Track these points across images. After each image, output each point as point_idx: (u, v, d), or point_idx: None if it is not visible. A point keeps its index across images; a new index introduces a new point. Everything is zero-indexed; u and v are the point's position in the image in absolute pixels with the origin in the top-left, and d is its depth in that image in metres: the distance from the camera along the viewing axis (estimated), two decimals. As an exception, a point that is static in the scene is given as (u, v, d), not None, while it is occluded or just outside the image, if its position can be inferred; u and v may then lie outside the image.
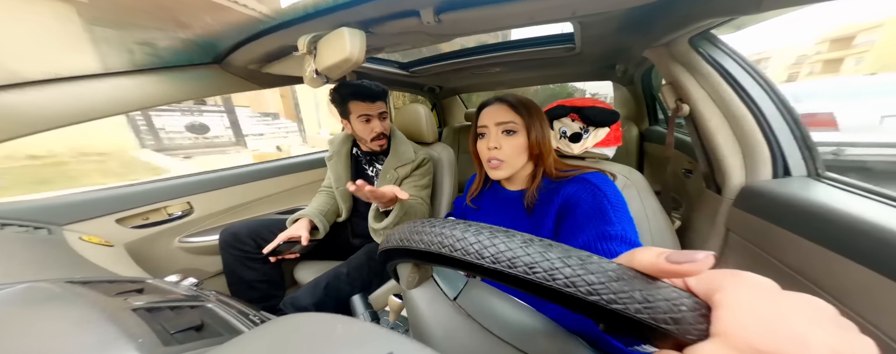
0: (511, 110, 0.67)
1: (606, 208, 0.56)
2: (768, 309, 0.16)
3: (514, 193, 0.74)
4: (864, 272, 0.47)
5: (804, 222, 0.58)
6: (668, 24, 0.75)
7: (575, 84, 3.18)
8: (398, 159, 1.14)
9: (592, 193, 0.59)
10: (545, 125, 0.69)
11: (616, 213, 0.55)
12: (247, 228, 1.09)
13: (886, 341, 0.45)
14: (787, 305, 0.16)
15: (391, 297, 0.55)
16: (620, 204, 0.58)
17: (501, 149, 0.67)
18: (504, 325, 0.34)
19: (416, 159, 1.14)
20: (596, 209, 0.57)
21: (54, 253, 0.73)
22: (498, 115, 0.68)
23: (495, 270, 0.23)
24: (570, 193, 0.62)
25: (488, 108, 0.70)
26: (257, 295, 1.07)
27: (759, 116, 0.74)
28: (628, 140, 1.79)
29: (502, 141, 0.67)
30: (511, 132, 0.67)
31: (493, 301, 0.37)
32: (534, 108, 0.69)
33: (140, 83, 0.86)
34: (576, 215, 0.59)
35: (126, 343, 0.30)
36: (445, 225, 0.26)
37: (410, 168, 1.13)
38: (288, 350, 0.26)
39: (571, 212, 0.60)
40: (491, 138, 0.68)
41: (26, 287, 0.37)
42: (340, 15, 0.64)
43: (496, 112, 0.68)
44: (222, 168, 1.34)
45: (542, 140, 0.68)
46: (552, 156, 0.70)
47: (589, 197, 0.59)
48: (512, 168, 0.69)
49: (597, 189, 0.60)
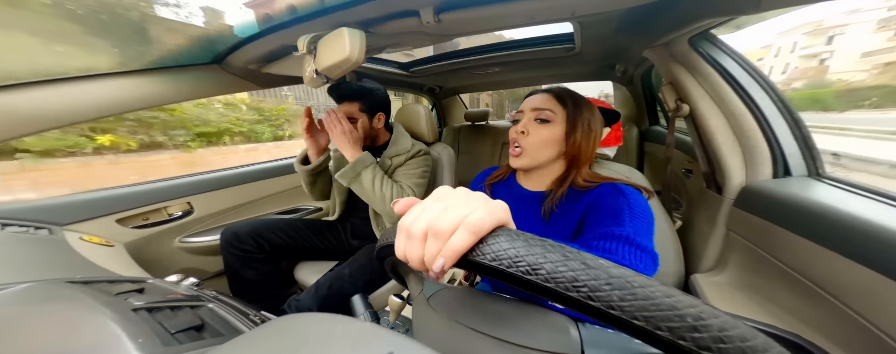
0: (553, 99, 0.63)
1: (622, 210, 0.53)
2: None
3: (532, 193, 0.68)
4: (865, 272, 0.47)
5: (804, 222, 0.58)
6: (667, 24, 0.75)
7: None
8: (394, 150, 1.14)
9: (614, 197, 0.56)
10: (594, 127, 0.63)
11: (632, 219, 0.51)
12: (248, 228, 1.09)
13: (887, 341, 0.44)
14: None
15: (391, 297, 0.55)
16: (642, 214, 0.53)
17: (528, 135, 0.63)
18: (480, 317, 0.34)
19: (411, 150, 1.14)
20: (610, 210, 0.54)
21: (55, 254, 0.73)
22: (537, 102, 0.64)
23: (492, 267, 0.23)
24: (593, 199, 0.59)
25: (532, 96, 0.66)
26: (258, 295, 1.08)
27: (759, 116, 0.74)
28: (628, 140, 1.79)
29: (532, 127, 0.63)
30: (545, 121, 0.62)
31: (467, 297, 0.37)
32: (586, 107, 0.63)
33: (140, 83, 0.86)
34: (591, 219, 0.56)
35: (126, 343, 0.30)
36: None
37: (405, 157, 1.13)
38: (288, 350, 0.26)
39: (589, 217, 0.57)
40: (522, 122, 0.64)
41: (27, 287, 0.37)
42: (340, 15, 0.63)
43: (537, 99, 0.64)
44: (222, 168, 1.35)
45: (583, 142, 0.61)
46: (588, 165, 0.64)
47: (610, 200, 0.56)
48: (532, 159, 0.64)
49: (620, 194, 0.56)
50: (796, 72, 42.11)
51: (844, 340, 0.51)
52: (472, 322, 0.33)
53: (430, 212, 0.26)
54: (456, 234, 0.24)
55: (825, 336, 0.54)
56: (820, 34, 36.67)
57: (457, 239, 0.24)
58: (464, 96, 2.63)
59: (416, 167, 1.13)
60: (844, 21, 35.14)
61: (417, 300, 0.41)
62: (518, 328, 0.32)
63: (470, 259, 0.23)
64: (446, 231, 0.24)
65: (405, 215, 0.28)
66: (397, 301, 0.54)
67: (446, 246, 0.24)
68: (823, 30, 36.34)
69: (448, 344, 0.33)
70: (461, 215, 0.25)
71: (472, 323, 0.33)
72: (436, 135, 1.36)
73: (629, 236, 0.47)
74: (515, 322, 0.33)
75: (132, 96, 0.86)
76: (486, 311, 0.34)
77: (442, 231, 0.24)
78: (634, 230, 0.49)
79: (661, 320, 0.17)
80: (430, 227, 0.25)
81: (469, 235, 0.24)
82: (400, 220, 0.28)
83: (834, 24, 35.89)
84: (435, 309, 0.36)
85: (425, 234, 0.25)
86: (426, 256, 0.25)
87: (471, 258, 0.23)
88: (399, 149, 1.14)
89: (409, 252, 0.26)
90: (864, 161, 5.17)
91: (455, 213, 0.25)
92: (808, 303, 0.57)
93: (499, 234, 0.23)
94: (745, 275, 0.73)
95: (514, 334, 0.32)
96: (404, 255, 0.27)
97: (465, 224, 0.24)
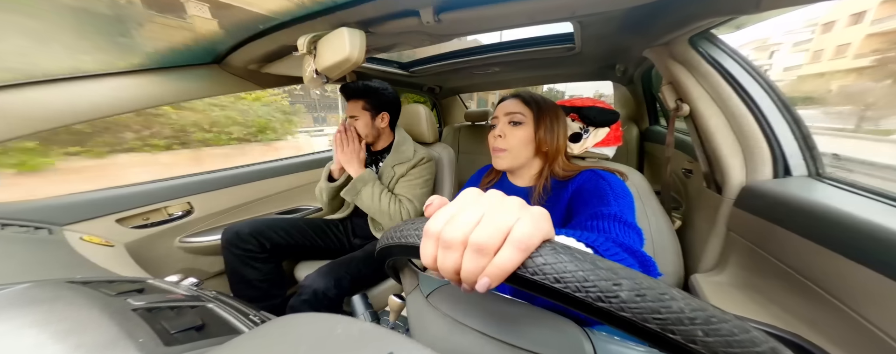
0: (521, 103, 0.70)
1: (606, 192, 0.58)
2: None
3: (520, 189, 0.76)
4: (865, 272, 0.47)
5: (805, 222, 0.58)
6: (668, 23, 0.75)
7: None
8: (397, 157, 1.15)
9: (595, 181, 0.62)
10: (558, 125, 0.71)
11: (616, 198, 0.56)
12: (249, 227, 1.09)
13: (887, 341, 0.44)
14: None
15: (391, 297, 0.55)
16: (623, 193, 0.58)
17: (505, 138, 0.70)
18: (483, 319, 0.33)
19: (413, 158, 1.14)
20: (595, 192, 0.59)
21: (55, 254, 0.73)
22: (508, 107, 0.71)
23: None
24: (577, 186, 0.64)
25: (503, 102, 0.73)
26: (258, 295, 1.08)
27: (759, 116, 0.74)
28: (628, 140, 1.79)
29: (508, 130, 0.70)
30: (517, 123, 0.69)
31: (468, 296, 0.37)
32: (548, 107, 0.71)
33: (140, 83, 0.86)
34: (578, 203, 0.61)
35: (126, 343, 0.30)
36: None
37: (407, 167, 1.13)
38: (288, 350, 0.26)
39: (576, 203, 0.62)
40: (498, 127, 0.72)
41: (27, 287, 0.37)
42: (340, 15, 0.63)
43: (508, 104, 0.72)
44: (222, 168, 1.34)
45: (550, 138, 0.69)
46: (561, 157, 0.71)
47: (592, 184, 0.62)
48: (514, 158, 0.71)
49: (601, 177, 0.62)
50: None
51: (844, 340, 0.51)
52: (475, 322, 0.33)
53: (467, 220, 0.24)
54: (503, 251, 0.22)
55: (825, 337, 0.54)
56: (765, 50, 42.78)
57: (504, 257, 0.22)
58: (470, 95, 2.63)
59: (418, 177, 1.14)
60: (781, 40, 42.62)
61: (414, 297, 0.40)
62: (523, 331, 0.32)
63: (516, 274, 0.22)
64: (491, 246, 0.22)
65: (433, 218, 0.25)
66: (397, 301, 0.54)
67: (492, 264, 0.22)
68: (767, 46, 42.93)
69: (449, 345, 0.33)
70: (505, 227, 0.22)
71: (474, 324, 0.33)
72: (436, 135, 1.36)
73: (617, 214, 0.51)
74: (521, 326, 0.32)
75: (132, 96, 0.86)
76: (488, 312, 0.34)
77: (486, 246, 0.22)
78: (620, 209, 0.53)
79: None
80: (470, 239, 0.23)
81: (518, 253, 0.21)
82: (427, 223, 0.25)
83: (774, 41, 43.22)
84: (435, 308, 0.36)
85: (463, 245, 0.23)
86: (465, 272, 0.23)
87: (517, 273, 0.22)
88: (400, 157, 1.15)
89: (444, 263, 0.24)
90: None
91: (498, 225, 0.23)
92: (808, 303, 0.57)
93: (541, 248, 0.22)
94: (745, 275, 0.73)
95: (520, 338, 0.31)
96: (435, 265, 0.25)
97: (513, 240, 0.22)
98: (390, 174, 1.13)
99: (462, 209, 0.25)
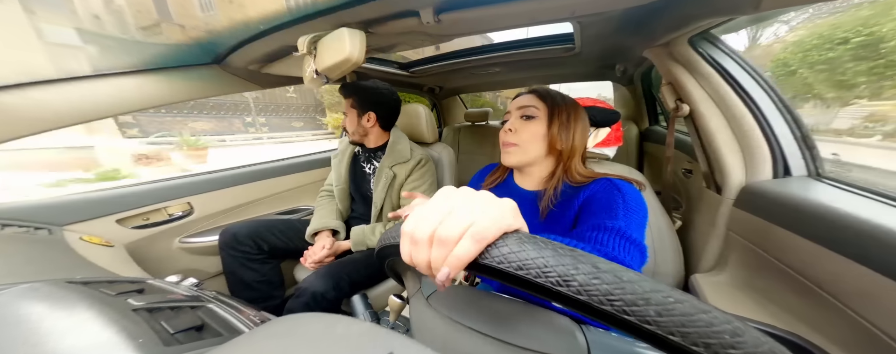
0: (535, 97, 0.66)
1: (617, 204, 0.54)
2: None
3: (528, 192, 0.70)
4: (865, 272, 0.47)
5: (804, 222, 0.58)
6: (667, 24, 0.75)
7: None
8: (393, 158, 1.14)
9: (609, 191, 0.57)
10: (576, 122, 0.66)
11: (626, 212, 0.53)
12: (246, 229, 1.09)
13: (886, 341, 0.44)
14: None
15: (391, 297, 0.55)
16: (636, 207, 0.54)
17: (516, 132, 0.66)
18: (481, 319, 0.34)
19: (411, 159, 1.14)
20: (606, 204, 0.55)
21: (54, 254, 0.73)
22: (522, 101, 0.67)
23: (491, 267, 0.23)
24: (589, 194, 0.60)
25: (517, 97, 0.70)
26: (257, 296, 1.08)
27: (759, 116, 0.74)
28: (628, 140, 1.79)
29: (519, 124, 0.66)
30: (530, 117, 0.65)
31: (467, 296, 0.37)
32: (565, 103, 0.66)
33: (140, 83, 0.86)
34: (586, 213, 0.57)
35: (126, 343, 0.30)
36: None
37: (408, 168, 1.13)
38: (288, 350, 0.26)
39: (584, 212, 0.58)
40: (509, 122, 0.68)
41: (26, 287, 0.37)
42: (340, 15, 0.63)
43: (522, 99, 0.68)
44: (222, 168, 1.35)
45: (565, 136, 0.64)
46: (578, 159, 0.66)
47: (604, 195, 0.58)
48: (524, 154, 0.66)
49: (616, 188, 0.58)
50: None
51: (844, 340, 0.51)
52: (473, 322, 0.33)
53: (434, 216, 0.26)
54: (461, 243, 0.24)
55: (825, 336, 0.54)
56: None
57: (461, 248, 0.24)
58: (482, 94, 2.62)
59: (422, 182, 1.14)
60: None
61: (415, 298, 0.40)
62: (520, 329, 0.32)
63: (477, 262, 0.23)
64: (451, 238, 0.24)
65: (408, 219, 0.28)
66: (397, 301, 0.54)
67: (451, 255, 0.24)
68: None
69: (449, 345, 0.33)
70: (466, 222, 0.24)
71: (473, 324, 0.33)
72: (436, 136, 1.36)
73: (621, 229, 0.49)
74: (518, 324, 0.33)
75: (132, 96, 0.86)
76: (486, 311, 0.34)
77: (447, 238, 0.24)
78: (627, 223, 0.50)
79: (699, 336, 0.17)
80: (435, 234, 0.25)
81: (474, 244, 0.23)
82: (403, 224, 0.28)
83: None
84: (434, 309, 0.36)
85: (430, 239, 0.26)
86: (432, 263, 0.26)
87: (478, 261, 0.23)
88: (397, 157, 1.14)
89: (414, 257, 0.27)
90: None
91: (460, 220, 0.25)
92: (808, 303, 0.57)
93: (506, 238, 0.23)
94: (744, 275, 0.73)
95: (517, 336, 0.31)
96: (411, 260, 0.27)
97: (470, 232, 0.24)
98: (389, 175, 1.13)
99: (431, 208, 0.27)
